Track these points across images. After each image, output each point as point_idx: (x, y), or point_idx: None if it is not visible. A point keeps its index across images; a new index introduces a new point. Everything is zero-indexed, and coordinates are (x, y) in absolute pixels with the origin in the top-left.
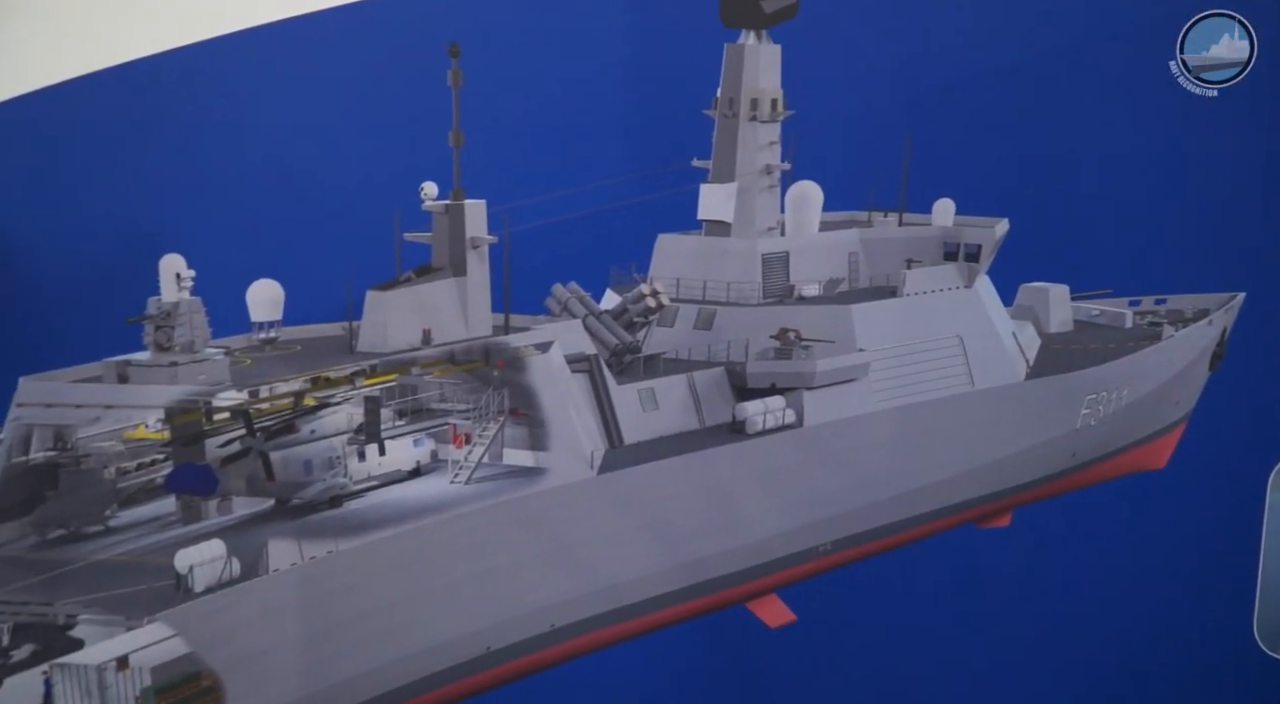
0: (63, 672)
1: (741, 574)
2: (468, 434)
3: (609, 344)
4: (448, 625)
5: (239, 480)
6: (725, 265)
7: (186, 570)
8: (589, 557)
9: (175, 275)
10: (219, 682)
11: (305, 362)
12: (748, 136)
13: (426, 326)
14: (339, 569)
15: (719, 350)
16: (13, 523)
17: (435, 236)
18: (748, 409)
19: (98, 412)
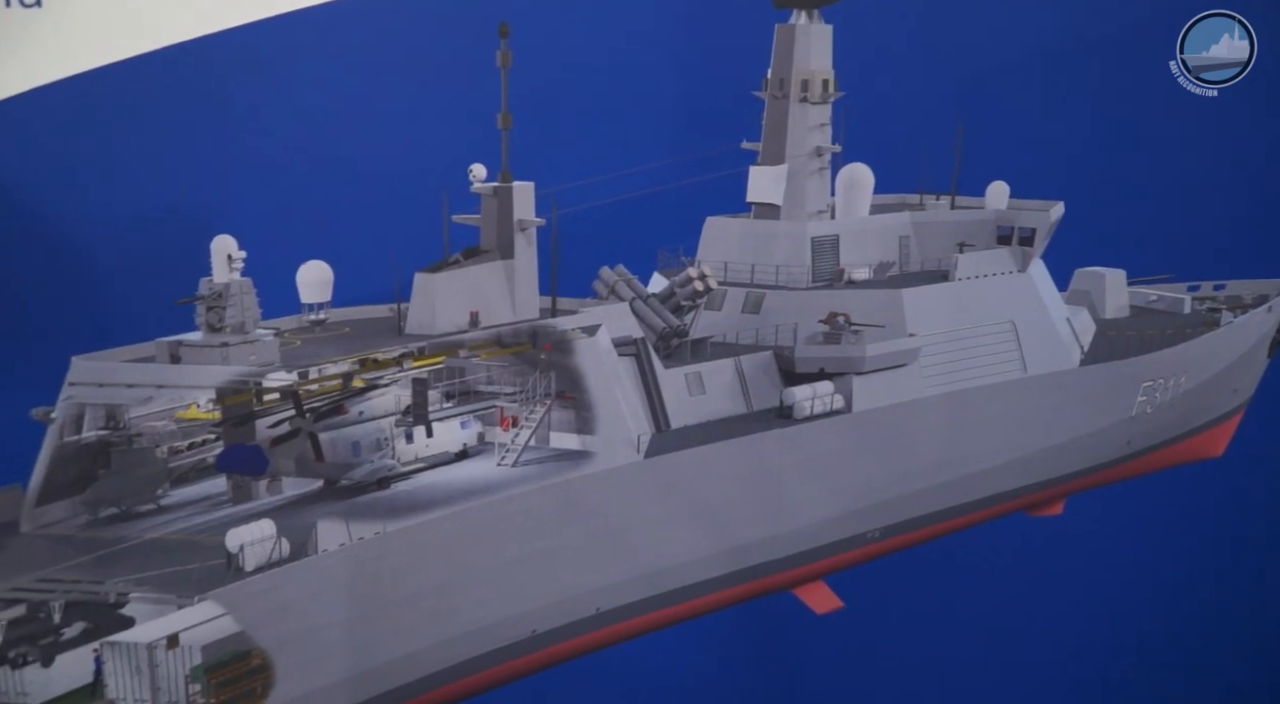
0: (113, 650)
1: (788, 560)
2: (514, 417)
3: (656, 327)
4: (493, 608)
5: (288, 461)
6: (774, 248)
7: (237, 550)
8: (635, 541)
9: (226, 256)
10: (268, 660)
11: (354, 343)
12: (798, 118)
13: (474, 309)
14: (387, 551)
15: (767, 334)
16: (65, 501)
17: (483, 219)
18: (795, 394)
19: (150, 391)
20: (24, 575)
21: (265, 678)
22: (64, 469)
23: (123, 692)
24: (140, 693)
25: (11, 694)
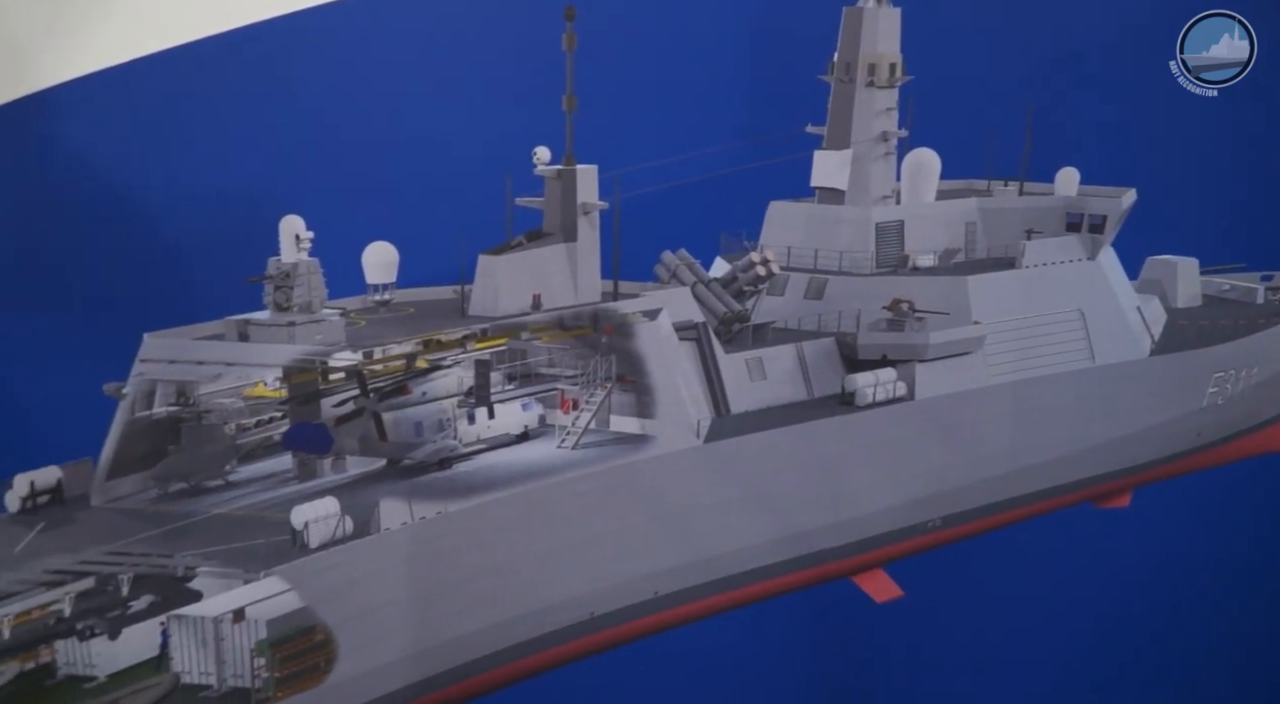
0: (180, 623)
1: (848, 548)
2: (575, 400)
3: (717, 312)
4: (552, 590)
5: (352, 440)
6: (838, 234)
7: (302, 526)
8: (694, 526)
9: (295, 236)
10: (331, 636)
11: (418, 324)
12: (864, 102)
13: (537, 292)
14: (448, 530)
15: (829, 320)
16: (135, 476)
17: (547, 201)
18: (858, 381)
19: (219, 369)
20: (93, 548)
21: (328, 653)
22: (134, 444)
23: (188, 665)
24: (206, 666)
25: (79, 666)
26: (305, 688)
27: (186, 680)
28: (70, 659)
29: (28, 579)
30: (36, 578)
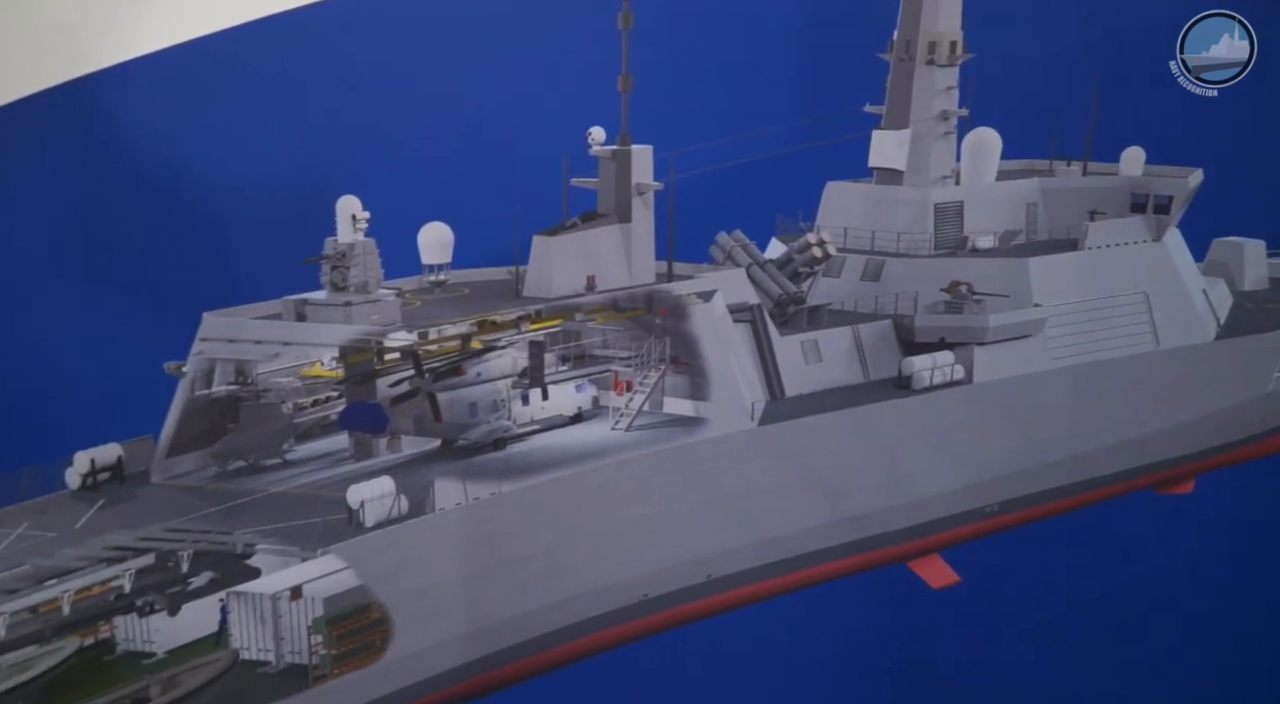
0: (238, 599)
1: (904, 532)
2: (629, 381)
3: (773, 294)
4: (606, 571)
5: (407, 420)
6: (896, 215)
7: (358, 505)
8: (748, 508)
9: (351, 217)
10: (387, 615)
11: (472, 305)
12: (924, 81)
13: (591, 273)
14: (502, 511)
15: (886, 302)
16: (194, 453)
17: (601, 182)
18: (915, 364)
19: (277, 348)
20: (153, 525)
21: (384, 632)
22: (194, 422)
23: (247, 641)
24: (264, 643)
25: (138, 642)
26: (361, 665)
27: (245, 656)
28: (130, 635)
29: (88, 555)
30: (97, 554)
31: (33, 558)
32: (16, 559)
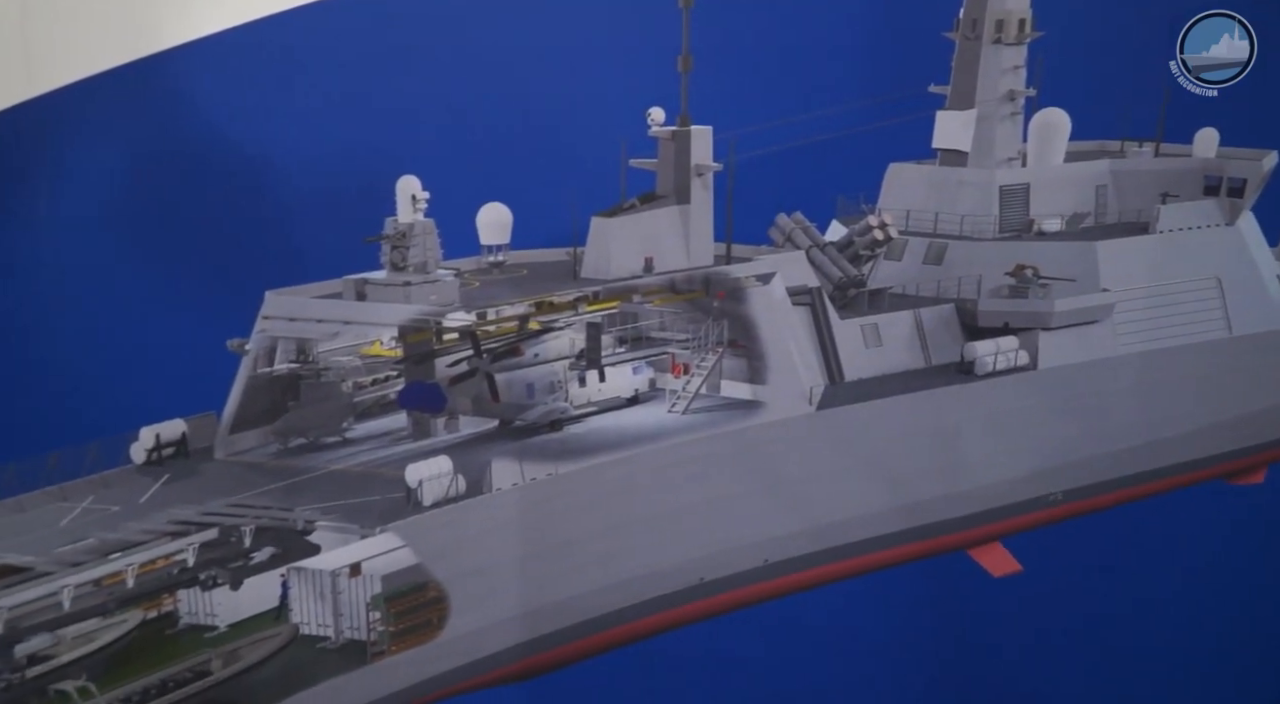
0: (299, 575)
1: (965, 520)
2: (686, 364)
3: (833, 277)
4: (662, 554)
5: (465, 400)
6: (960, 197)
7: (416, 484)
8: (806, 493)
9: (411, 197)
10: (444, 593)
11: (530, 285)
12: (991, 60)
13: (649, 254)
14: (558, 492)
15: (949, 286)
16: (256, 430)
17: (660, 163)
18: (977, 349)
19: (337, 327)
20: (217, 500)
21: (441, 610)
22: (256, 399)
23: (307, 616)
24: (323, 618)
25: (201, 615)
26: (419, 643)
27: (305, 632)
28: (192, 608)
29: (153, 529)
30: (161, 528)
31: (98, 531)
32: (82, 532)
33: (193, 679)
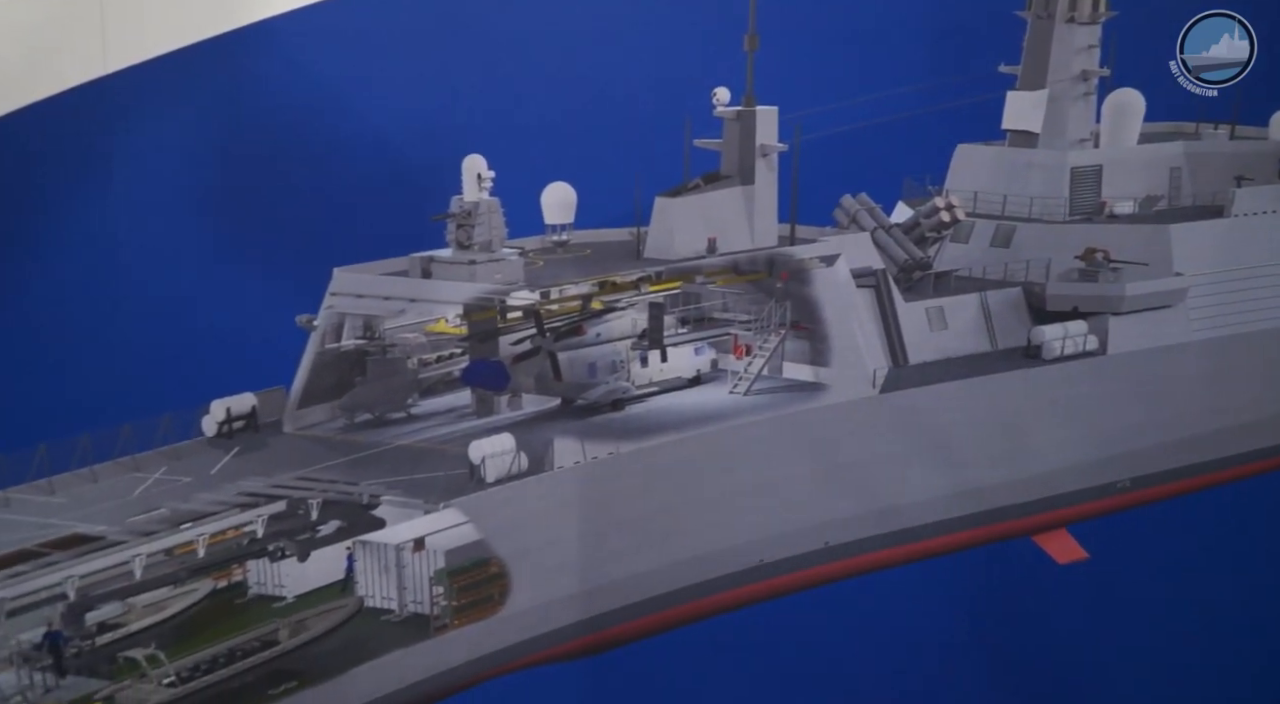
0: (364, 549)
1: (1029, 506)
2: (748, 345)
3: (898, 259)
4: (722, 534)
5: (528, 378)
6: (1029, 178)
7: (479, 461)
8: (868, 477)
9: (477, 176)
10: (505, 569)
11: (594, 265)
12: (1063, 39)
13: (712, 235)
14: (619, 471)
15: (1017, 269)
16: (323, 405)
17: (725, 143)
18: (1045, 333)
19: (403, 304)
20: (285, 473)
21: (502, 586)
22: (324, 375)
23: (371, 589)
24: (387, 591)
25: (269, 586)
26: (480, 618)
27: (369, 604)
28: (261, 579)
29: (223, 500)
30: (231, 500)
31: (169, 502)
32: (154, 502)
33: (260, 648)
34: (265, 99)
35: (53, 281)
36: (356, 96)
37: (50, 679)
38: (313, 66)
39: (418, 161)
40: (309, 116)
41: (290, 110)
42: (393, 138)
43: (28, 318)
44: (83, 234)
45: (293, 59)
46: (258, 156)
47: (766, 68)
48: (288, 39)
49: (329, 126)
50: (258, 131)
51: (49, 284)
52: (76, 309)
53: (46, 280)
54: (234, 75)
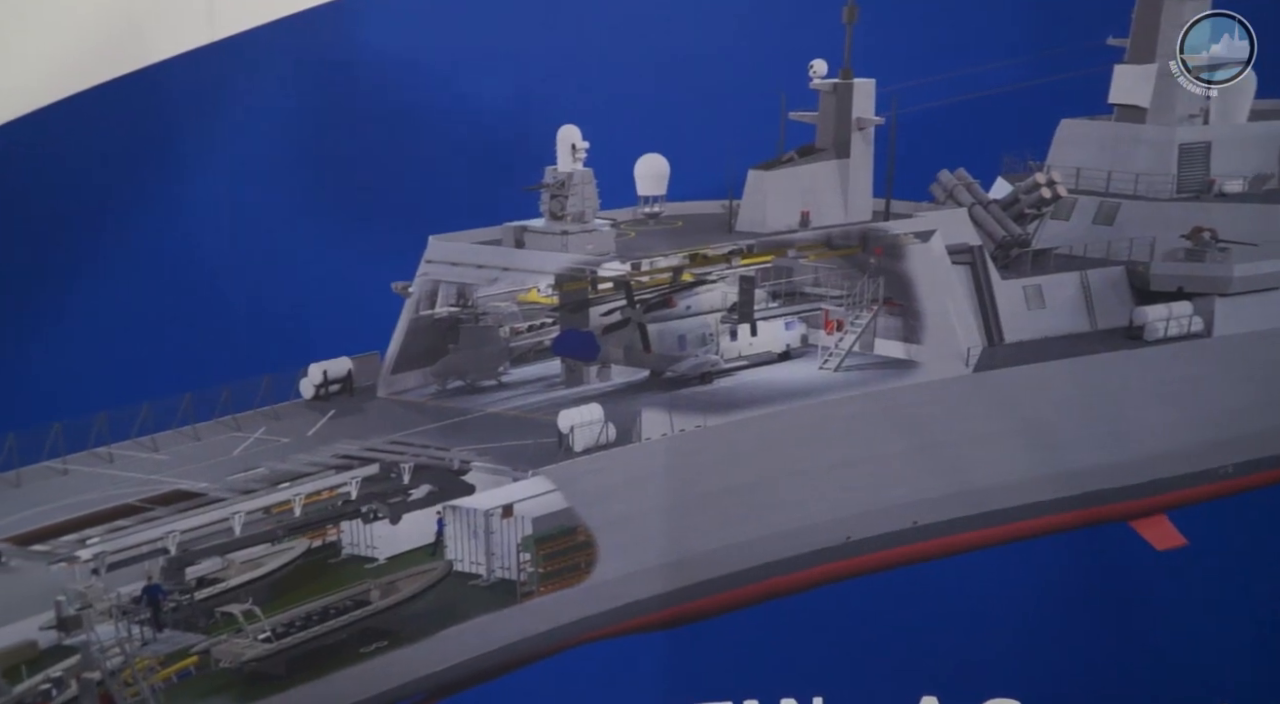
0: (454, 514)
1: (1128, 490)
2: (840, 321)
3: (995, 236)
4: (809, 510)
5: (618, 349)
6: (1135, 155)
7: (568, 430)
8: (959, 457)
9: (571, 146)
10: (592, 539)
11: (685, 237)
12: (1174, 11)
13: (805, 209)
14: (707, 444)
15: (1119, 248)
16: (417, 371)
17: (821, 116)
18: (1148, 313)
19: (496, 273)
20: (379, 437)
21: (589, 555)
22: (417, 341)
23: (460, 553)
24: (476, 556)
25: (361, 547)
26: (566, 586)
27: (458, 568)
28: (354, 540)
29: (319, 462)
30: (327, 461)
31: (268, 461)
32: (253, 462)
33: (352, 608)
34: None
35: (160, 246)
36: (453, 65)
37: (148, 632)
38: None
39: (513, 131)
40: (406, 86)
41: (389, 79)
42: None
43: (134, 281)
44: (188, 201)
45: (391, 28)
46: (357, 125)
47: (865, 39)
48: (386, 8)
49: (427, 96)
50: (357, 100)
51: (158, 248)
52: (182, 273)
53: (156, 244)
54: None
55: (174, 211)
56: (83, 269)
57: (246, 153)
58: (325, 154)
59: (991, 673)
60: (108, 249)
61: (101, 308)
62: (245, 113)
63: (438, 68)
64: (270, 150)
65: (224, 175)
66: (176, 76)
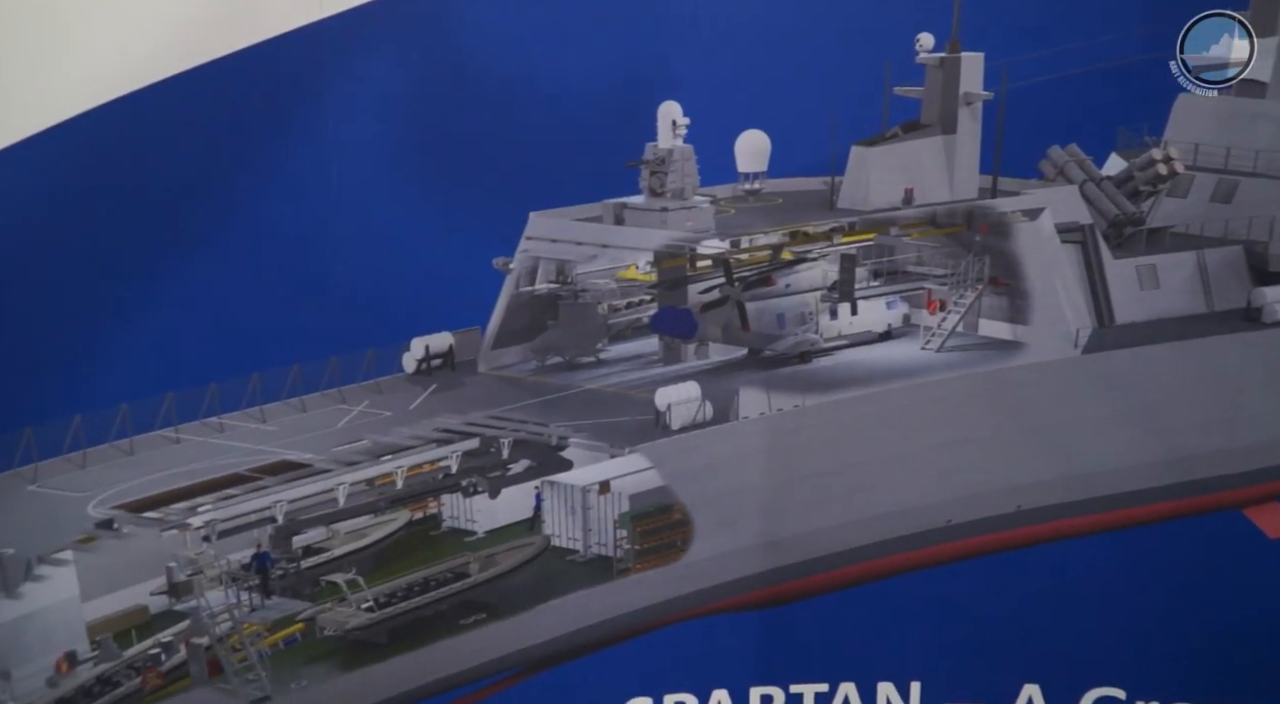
0: (552, 489)
1: (1242, 477)
2: (943, 301)
3: (1108, 214)
4: (909, 493)
5: (715, 327)
6: (1256, 131)
7: (665, 408)
8: (1065, 440)
9: (671, 122)
10: (688, 517)
11: (785, 215)
12: None
13: (909, 186)
14: (805, 424)
15: (1238, 227)
16: (516, 347)
17: (926, 91)
18: (1267, 295)
19: (595, 250)
20: (479, 412)
21: (684, 533)
22: (517, 317)
23: (558, 528)
24: (573, 532)
25: (461, 520)
26: (662, 563)
27: (555, 543)
28: (454, 513)
29: (421, 435)
30: (428, 435)
31: (371, 434)
32: (357, 434)
33: (452, 580)
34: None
35: (272, 223)
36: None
37: (256, 599)
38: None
39: (614, 107)
40: (507, 62)
41: (489, 56)
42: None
43: (246, 257)
44: (298, 177)
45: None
46: (460, 102)
47: (974, 12)
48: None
49: (527, 72)
50: (462, 77)
51: (270, 225)
52: (291, 249)
53: (267, 221)
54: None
55: (286, 189)
56: (198, 245)
57: (351, 129)
58: (430, 130)
59: (1095, 662)
60: (221, 226)
61: (215, 283)
62: (351, 89)
63: (540, 44)
64: (376, 128)
65: (332, 152)
66: (287, 51)
